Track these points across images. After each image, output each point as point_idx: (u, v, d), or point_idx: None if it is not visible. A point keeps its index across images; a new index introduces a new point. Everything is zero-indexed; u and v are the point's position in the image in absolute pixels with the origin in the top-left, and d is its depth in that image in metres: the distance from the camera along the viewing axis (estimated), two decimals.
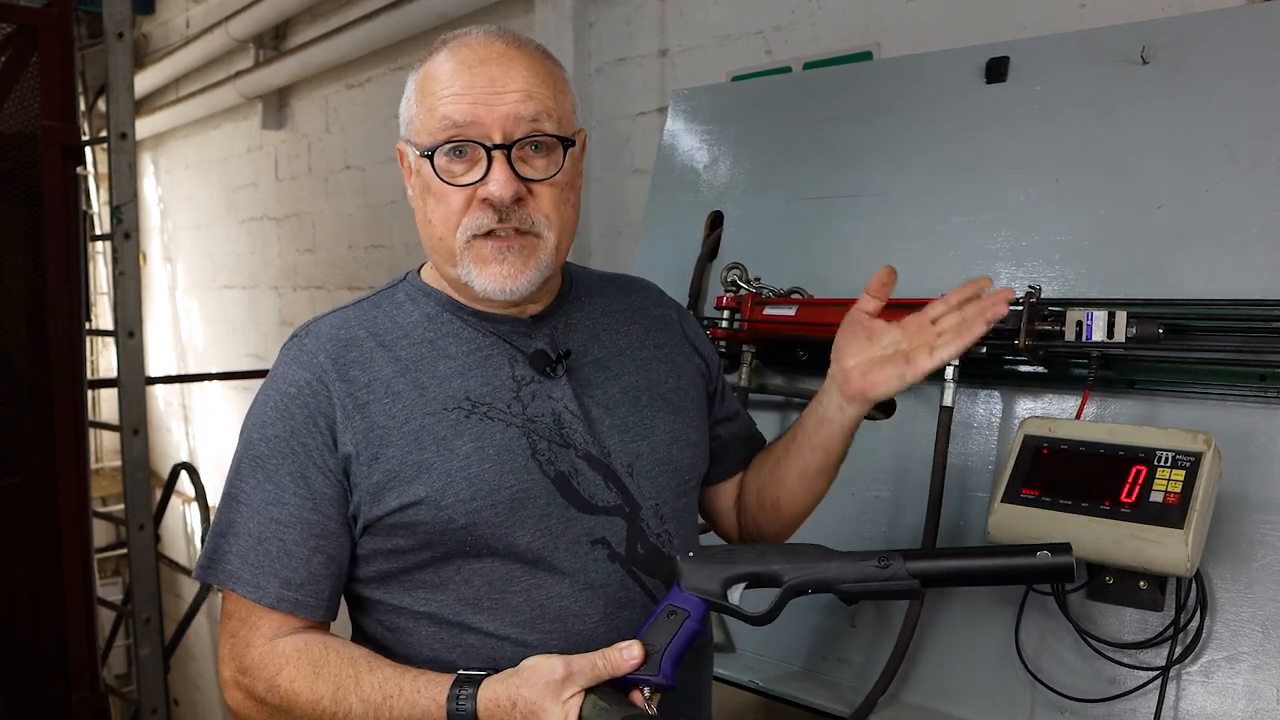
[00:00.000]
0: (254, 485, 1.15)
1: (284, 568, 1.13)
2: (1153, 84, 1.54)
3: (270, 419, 1.16)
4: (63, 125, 2.97)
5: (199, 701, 6.75)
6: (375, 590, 1.19)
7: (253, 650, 1.13)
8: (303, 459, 1.13)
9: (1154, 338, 1.40)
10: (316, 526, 1.13)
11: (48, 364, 2.97)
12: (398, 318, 1.22)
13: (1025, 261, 1.61)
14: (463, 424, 1.14)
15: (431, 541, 1.13)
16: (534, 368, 1.20)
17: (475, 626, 1.14)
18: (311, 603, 1.14)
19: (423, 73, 1.19)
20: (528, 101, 1.13)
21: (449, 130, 1.12)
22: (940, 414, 1.56)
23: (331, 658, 1.11)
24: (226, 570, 1.14)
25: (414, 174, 1.20)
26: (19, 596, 3.02)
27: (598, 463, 1.19)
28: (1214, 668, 1.34)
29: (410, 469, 1.12)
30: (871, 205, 1.81)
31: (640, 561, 1.20)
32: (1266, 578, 1.32)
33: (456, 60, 1.15)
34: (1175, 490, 1.26)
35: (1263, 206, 1.41)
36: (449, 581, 1.15)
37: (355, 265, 4.82)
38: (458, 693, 1.03)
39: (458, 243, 1.15)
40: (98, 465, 6.56)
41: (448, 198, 1.14)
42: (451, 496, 1.12)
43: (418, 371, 1.17)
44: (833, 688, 1.67)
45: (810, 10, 2.68)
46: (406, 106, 1.20)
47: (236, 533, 1.15)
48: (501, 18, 3.70)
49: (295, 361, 1.18)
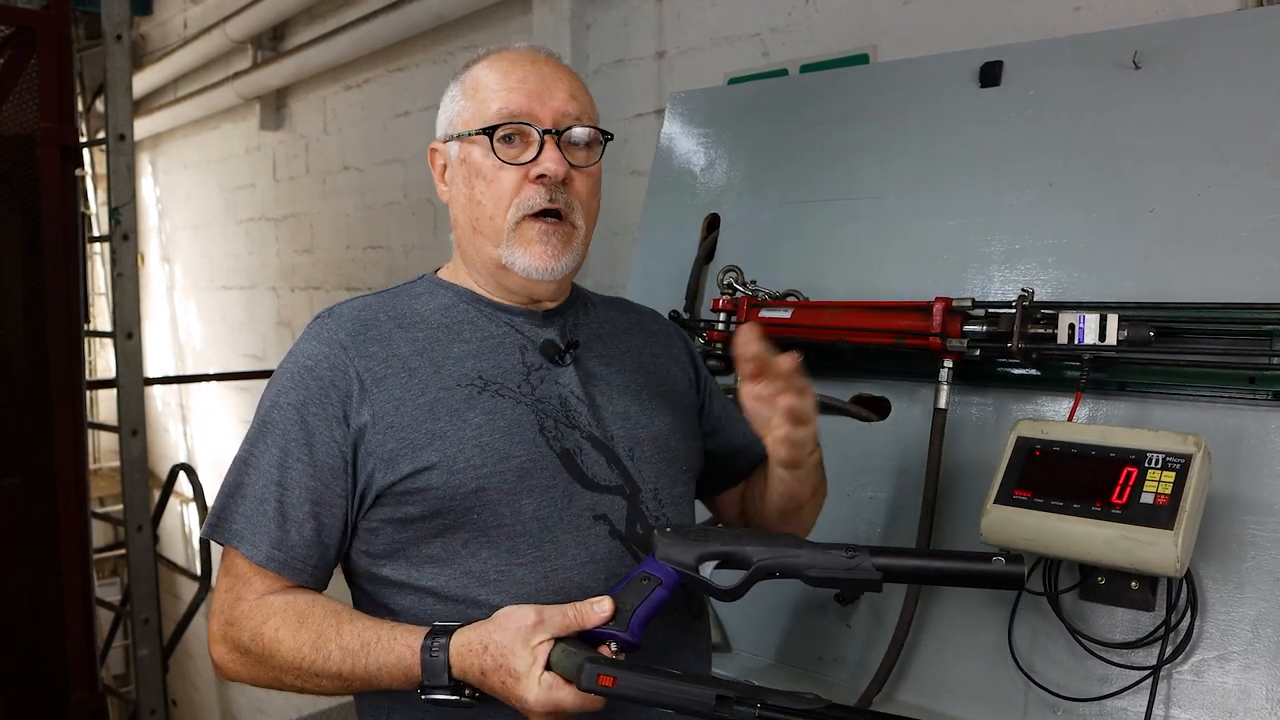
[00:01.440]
0: (263, 450, 1.20)
1: (278, 528, 1.17)
2: (1145, 88, 1.56)
3: (285, 388, 1.21)
4: (61, 126, 2.98)
5: (197, 702, 6.74)
6: (383, 566, 1.21)
7: (243, 603, 1.18)
8: (311, 428, 1.18)
9: (1145, 340, 1.41)
10: (314, 493, 1.18)
11: (46, 365, 2.98)
12: (416, 306, 1.29)
13: (1018, 264, 1.62)
14: (475, 399, 1.20)
15: (441, 509, 1.17)
16: (544, 355, 1.27)
17: (481, 600, 1.17)
18: (299, 565, 1.18)
19: (468, 78, 1.28)
20: (572, 101, 1.25)
21: (505, 116, 1.22)
22: (934, 416, 1.57)
23: (317, 610, 1.16)
24: (232, 529, 1.19)
25: (459, 164, 1.27)
26: (18, 597, 3.02)
27: (601, 444, 1.25)
28: (1204, 667, 1.35)
29: (424, 436, 1.17)
30: (866, 208, 1.83)
31: (639, 540, 1.24)
32: (1256, 578, 1.33)
33: (507, 62, 1.26)
34: (1165, 492, 1.28)
35: (1253, 210, 1.42)
36: (456, 555, 1.18)
37: (353, 266, 4.83)
38: (431, 642, 1.08)
39: (508, 222, 1.23)
40: (96, 466, 6.55)
41: (500, 179, 1.23)
42: (463, 461, 1.16)
43: (434, 351, 1.23)
44: (828, 687, 1.68)
45: (807, 13, 2.70)
46: (451, 106, 1.29)
47: (244, 494, 1.20)
48: (499, 19, 3.71)
49: (315, 338, 1.23)
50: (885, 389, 1.74)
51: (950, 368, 1.56)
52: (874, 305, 1.68)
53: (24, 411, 2.99)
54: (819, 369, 1.81)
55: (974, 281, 1.65)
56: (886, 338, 1.63)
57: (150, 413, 6.27)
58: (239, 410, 5.94)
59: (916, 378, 1.67)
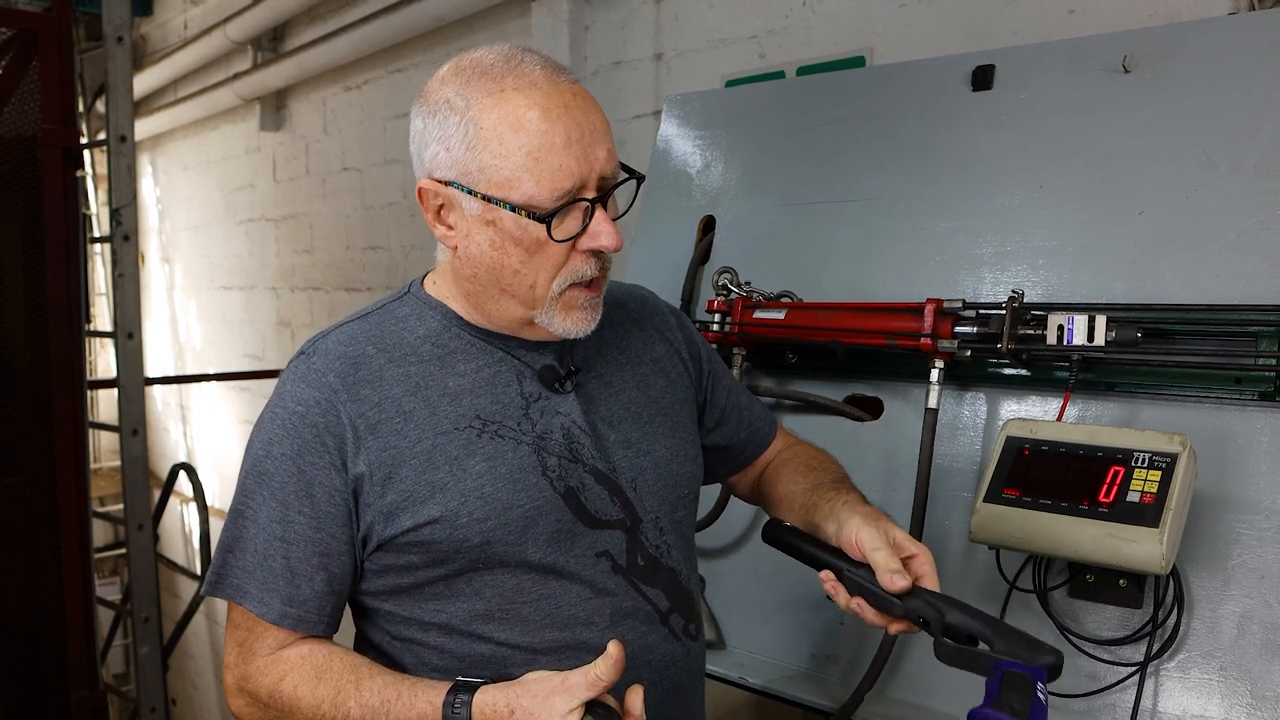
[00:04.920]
0: (260, 502, 1.15)
1: (287, 585, 1.14)
2: (1134, 92, 1.57)
3: (277, 437, 1.15)
4: (63, 128, 3.00)
5: (197, 700, 6.77)
6: (385, 602, 1.20)
7: (257, 659, 1.15)
8: (309, 478, 1.13)
9: (1133, 341, 1.43)
10: (320, 545, 1.14)
11: (47, 365, 2.99)
12: (404, 333, 1.20)
13: (1009, 266, 1.63)
14: (474, 443, 1.15)
15: (445, 558, 1.15)
16: (542, 383, 1.20)
17: (486, 636, 1.16)
18: (313, 619, 1.16)
19: (484, 118, 1.08)
20: (606, 139, 1.13)
21: (561, 196, 1.08)
22: (926, 416, 1.59)
23: (334, 664, 1.13)
24: (233, 585, 1.15)
25: (479, 223, 1.12)
26: (18, 596, 3.04)
27: (604, 478, 1.21)
28: (1191, 663, 1.37)
29: (424, 489, 1.13)
30: (860, 210, 1.84)
31: (639, 572, 1.22)
32: (1242, 576, 1.35)
33: (540, 109, 1.08)
34: (1151, 490, 1.29)
35: (1240, 213, 1.44)
36: (460, 593, 1.16)
37: (352, 266, 4.85)
38: (453, 699, 1.04)
39: (552, 292, 1.13)
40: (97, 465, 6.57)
41: (546, 251, 1.11)
42: (466, 516, 1.13)
43: (428, 390, 1.16)
44: (821, 684, 1.70)
45: (804, 15, 2.71)
46: (458, 146, 1.10)
47: (243, 549, 1.16)
48: (497, 21, 3.72)
49: (303, 380, 1.16)
50: (878, 389, 1.75)
51: (941, 368, 1.58)
52: (867, 307, 1.70)
53: (25, 411, 3.00)
54: (813, 370, 1.84)
55: (965, 283, 1.67)
56: (879, 339, 1.64)
57: (150, 412, 6.29)
58: (239, 410, 5.96)
59: (908, 378, 1.68)
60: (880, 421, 1.73)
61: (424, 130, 1.13)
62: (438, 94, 1.12)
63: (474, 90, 1.09)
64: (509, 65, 1.10)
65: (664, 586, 1.24)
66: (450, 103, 1.10)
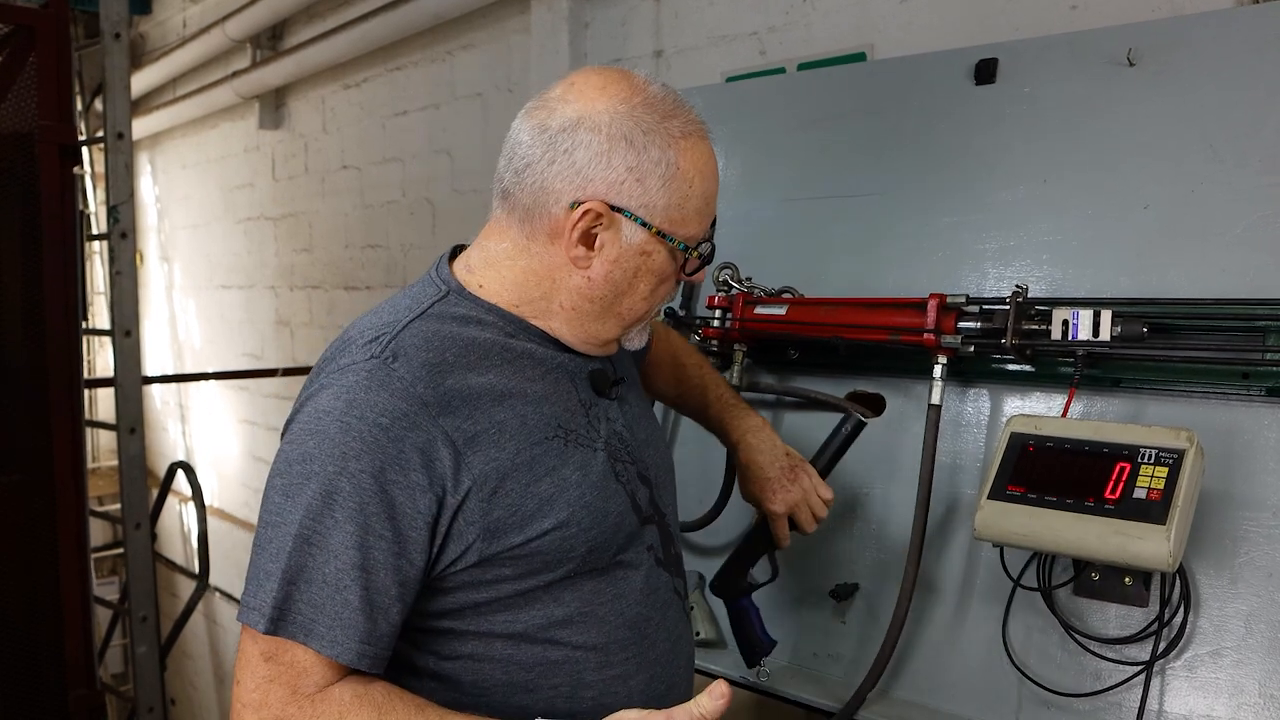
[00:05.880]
0: (332, 525, 1.01)
1: (365, 620, 1.02)
2: (1139, 86, 1.56)
3: (354, 450, 1.02)
4: (59, 125, 2.99)
5: (195, 700, 6.75)
6: (442, 620, 1.12)
7: (299, 698, 1.02)
8: (393, 500, 1.02)
9: (1139, 336, 1.41)
10: (400, 573, 1.03)
11: (44, 363, 2.98)
12: (471, 335, 1.13)
13: (1013, 261, 1.62)
14: (565, 452, 1.13)
15: (545, 568, 1.11)
16: (594, 389, 1.21)
17: (561, 640, 1.14)
18: (385, 656, 1.06)
19: (688, 161, 1.12)
20: None
21: (705, 238, 1.18)
22: (929, 412, 1.58)
23: (397, 704, 1.02)
24: (299, 622, 1.01)
25: (633, 252, 1.13)
26: (16, 595, 3.03)
27: (644, 478, 1.26)
28: (1197, 663, 1.36)
29: (532, 502, 1.09)
30: (862, 205, 1.83)
31: (673, 563, 1.28)
32: (1249, 574, 1.34)
33: (712, 158, 1.17)
34: (1158, 487, 1.28)
35: (1246, 207, 1.43)
36: (538, 600, 1.13)
37: (351, 265, 4.84)
38: None
39: (649, 316, 1.22)
40: (94, 464, 6.57)
41: (669, 284, 1.19)
42: (575, 526, 1.12)
43: (511, 398, 1.11)
44: (822, 683, 1.69)
45: (804, 11, 2.70)
46: (659, 184, 1.10)
47: (310, 579, 1.01)
48: (497, 19, 3.71)
49: (384, 388, 1.04)
50: (880, 385, 1.74)
51: (945, 364, 1.56)
52: (869, 302, 1.68)
53: (22, 409, 2.99)
54: (814, 365, 1.83)
55: (969, 278, 1.65)
56: (881, 334, 1.63)
57: (149, 411, 6.27)
58: (238, 409, 5.95)
59: (911, 374, 1.67)
60: (883, 418, 1.72)
61: (607, 152, 1.09)
62: (623, 119, 1.09)
63: (670, 127, 1.11)
64: (678, 105, 1.14)
65: (683, 574, 1.33)
66: (649, 135, 1.09)
